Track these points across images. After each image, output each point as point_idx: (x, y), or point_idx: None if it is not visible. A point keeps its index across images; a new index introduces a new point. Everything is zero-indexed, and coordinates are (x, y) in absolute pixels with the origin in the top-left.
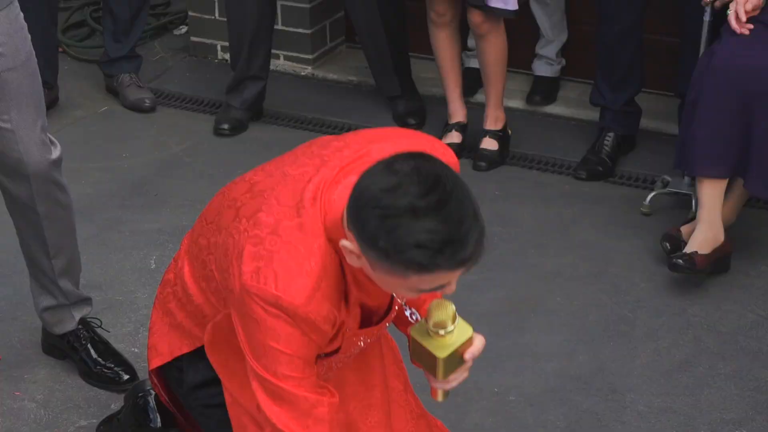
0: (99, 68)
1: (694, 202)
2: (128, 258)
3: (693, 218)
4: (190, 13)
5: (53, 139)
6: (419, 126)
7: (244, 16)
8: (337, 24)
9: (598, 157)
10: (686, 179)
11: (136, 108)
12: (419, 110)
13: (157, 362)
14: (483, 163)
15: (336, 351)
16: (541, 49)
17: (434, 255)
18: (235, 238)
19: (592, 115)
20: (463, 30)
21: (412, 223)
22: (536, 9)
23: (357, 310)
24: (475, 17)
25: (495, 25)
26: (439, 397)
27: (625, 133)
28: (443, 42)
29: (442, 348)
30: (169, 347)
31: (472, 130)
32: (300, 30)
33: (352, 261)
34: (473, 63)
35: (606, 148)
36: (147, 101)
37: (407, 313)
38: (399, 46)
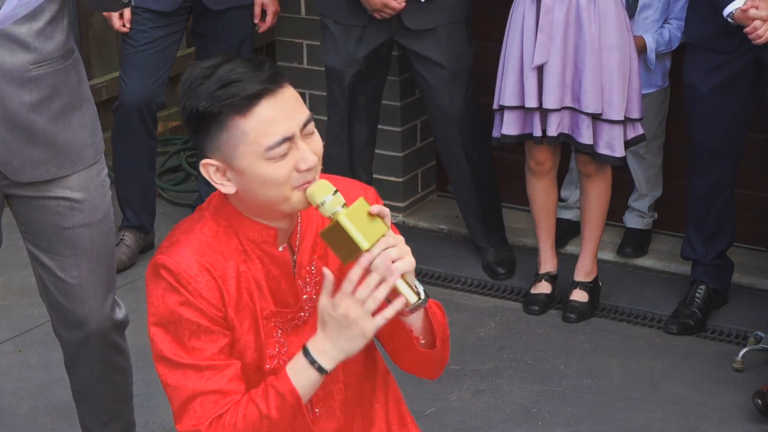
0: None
1: None
2: None
3: None
4: None
5: (119, 301)
6: (508, 276)
7: (338, 167)
8: (428, 173)
9: (689, 311)
10: None
11: None
12: (508, 260)
13: None
14: (572, 315)
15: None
16: (633, 202)
17: (231, 85)
18: None
19: (683, 268)
20: (558, 180)
21: (206, 78)
22: (633, 163)
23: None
24: (583, 157)
25: (602, 167)
26: (411, 298)
27: (717, 288)
28: (540, 191)
29: (339, 214)
30: None
31: (561, 281)
32: (392, 178)
33: (218, 178)
34: (564, 214)
35: (697, 302)
36: None
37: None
38: (488, 197)
